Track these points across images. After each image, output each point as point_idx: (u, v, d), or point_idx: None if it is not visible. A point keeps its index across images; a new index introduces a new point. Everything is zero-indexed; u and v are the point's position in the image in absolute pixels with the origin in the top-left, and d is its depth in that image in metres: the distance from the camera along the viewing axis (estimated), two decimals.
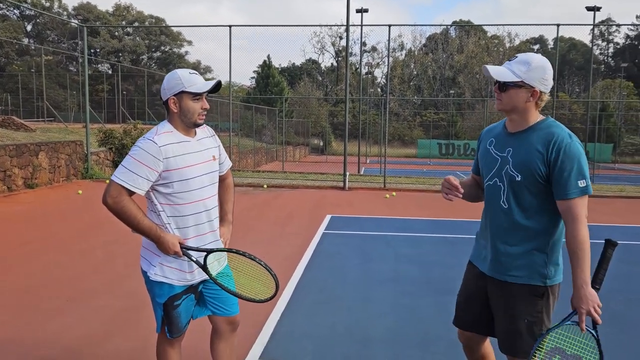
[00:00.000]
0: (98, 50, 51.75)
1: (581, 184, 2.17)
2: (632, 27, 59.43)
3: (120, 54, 53.26)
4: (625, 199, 13.10)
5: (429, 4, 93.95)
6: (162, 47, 57.54)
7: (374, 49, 55.84)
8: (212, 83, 2.46)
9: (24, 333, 3.88)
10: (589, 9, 18.95)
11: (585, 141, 20.24)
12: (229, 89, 16.32)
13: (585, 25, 42.83)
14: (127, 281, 5.15)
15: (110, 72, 49.10)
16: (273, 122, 34.02)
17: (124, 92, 38.25)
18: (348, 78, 14.90)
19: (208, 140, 2.63)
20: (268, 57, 42.87)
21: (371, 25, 36.56)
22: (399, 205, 10.89)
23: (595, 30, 40.65)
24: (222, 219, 2.79)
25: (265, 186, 13.69)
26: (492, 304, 2.43)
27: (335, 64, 58.58)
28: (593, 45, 19.65)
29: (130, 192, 2.36)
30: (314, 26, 50.89)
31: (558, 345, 2.20)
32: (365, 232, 8.04)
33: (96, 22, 51.45)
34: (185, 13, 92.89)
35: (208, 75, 53.34)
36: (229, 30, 14.68)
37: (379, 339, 3.90)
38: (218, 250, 2.54)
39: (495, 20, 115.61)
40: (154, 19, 57.45)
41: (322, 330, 4.02)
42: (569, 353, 2.20)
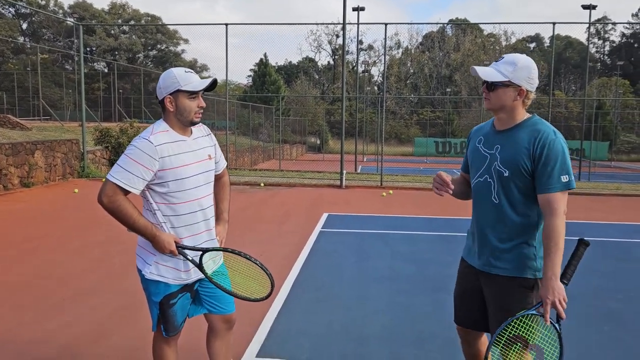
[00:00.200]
0: (94, 48, 51.60)
1: (564, 178, 2.23)
2: (627, 26, 59.59)
3: (116, 52, 53.11)
4: (621, 197, 13.15)
5: (426, 2, 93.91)
6: (159, 46, 57.41)
7: (370, 47, 55.78)
8: (208, 81, 2.46)
9: (20, 331, 3.88)
10: (584, 7, 18.97)
11: (582, 139, 20.30)
12: (226, 87, 16.33)
13: (581, 23, 43.05)
14: (123, 279, 5.15)
15: (106, 70, 48.95)
16: (270, 120, 34.00)
17: (120, 90, 38.13)
18: (345, 76, 14.90)
19: (204, 139, 2.63)
20: (265, 55, 42.88)
21: (368, 24, 36.63)
22: (396, 204, 10.91)
23: (592, 29, 40.79)
24: (218, 218, 2.79)
25: (262, 185, 13.69)
26: (486, 298, 2.48)
27: (332, 62, 58.56)
28: (589, 44, 19.69)
29: (125, 191, 2.36)
30: (311, 24, 50.94)
31: (521, 333, 2.25)
32: (362, 230, 8.05)
33: (92, 20, 51.28)
34: (181, 11, 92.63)
35: (205, 74, 53.24)
36: (225, 28, 14.67)
37: (375, 336, 3.91)
38: (213, 250, 2.54)
39: (492, 18, 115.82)
40: (150, 17, 57.29)
41: (319, 328, 4.03)
42: (530, 343, 2.26)
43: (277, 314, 4.29)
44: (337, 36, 55.76)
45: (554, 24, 14.49)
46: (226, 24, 14.64)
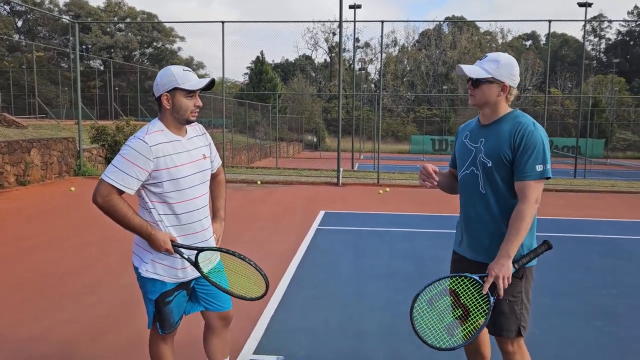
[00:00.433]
0: (90, 46, 51.39)
1: (538, 167, 2.33)
2: (623, 23, 59.79)
3: (112, 50, 52.90)
4: (616, 193, 13.20)
5: (422, 0, 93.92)
6: (155, 43, 57.22)
7: (367, 45, 55.75)
8: (206, 81, 2.45)
9: (17, 329, 3.88)
10: (580, 4, 19.01)
11: (577, 137, 20.33)
12: (222, 85, 16.25)
13: (577, 21, 43.06)
14: (120, 277, 5.15)
15: (102, 68, 48.81)
16: (266, 118, 33.95)
17: (116, 88, 37.99)
18: (341, 74, 14.89)
19: (198, 138, 2.62)
20: (261, 53, 42.82)
21: (364, 21, 36.60)
22: (393, 201, 10.93)
23: (587, 26, 40.84)
24: (214, 216, 2.80)
25: (258, 182, 13.69)
26: None
27: (329, 60, 58.52)
28: (585, 41, 19.71)
29: (120, 191, 2.37)
30: (307, 22, 50.87)
31: (456, 288, 2.39)
32: (358, 227, 8.06)
33: (88, 18, 51.07)
34: (177, 9, 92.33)
35: (201, 72, 53.17)
36: (221, 26, 14.64)
37: (373, 333, 3.92)
38: (209, 249, 2.55)
39: (488, 16, 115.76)
40: (145, 15, 57.08)
41: (316, 325, 4.04)
42: (461, 301, 2.39)
43: (274, 311, 4.29)
44: (334, 34, 55.75)
45: (550, 21, 14.52)
46: (222, 22, 14.61)
